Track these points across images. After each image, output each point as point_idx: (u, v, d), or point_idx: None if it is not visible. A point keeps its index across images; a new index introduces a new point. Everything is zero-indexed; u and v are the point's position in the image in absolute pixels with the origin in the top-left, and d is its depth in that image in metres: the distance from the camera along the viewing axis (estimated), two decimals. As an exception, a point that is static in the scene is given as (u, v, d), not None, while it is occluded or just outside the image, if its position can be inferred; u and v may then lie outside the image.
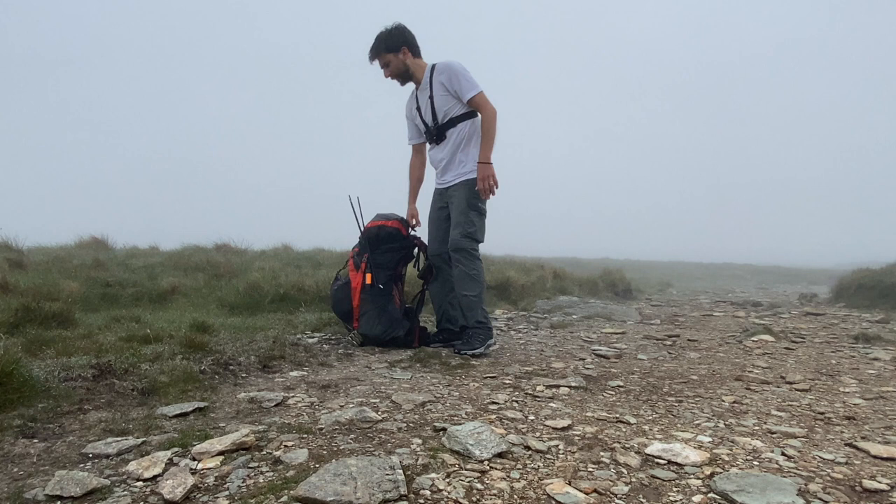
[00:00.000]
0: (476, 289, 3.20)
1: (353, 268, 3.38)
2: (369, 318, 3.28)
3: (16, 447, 1.55)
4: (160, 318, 3.56)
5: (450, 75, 3.13)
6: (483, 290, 3.25)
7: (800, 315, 5.82)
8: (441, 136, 3.25)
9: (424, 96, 3.26)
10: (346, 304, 3.34)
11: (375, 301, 3.29)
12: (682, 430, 1.81)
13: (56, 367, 2.13)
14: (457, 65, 3.14)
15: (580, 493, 1.31)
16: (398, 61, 3.22)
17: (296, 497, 1.23)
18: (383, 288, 3.31)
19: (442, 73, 3.16)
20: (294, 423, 1.79)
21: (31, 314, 3.05)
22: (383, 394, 2.20)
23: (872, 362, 3.12)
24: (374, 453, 1.51)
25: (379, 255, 3.34)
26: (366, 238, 3.38)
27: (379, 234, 3.37)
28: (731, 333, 4.30)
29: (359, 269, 3.34)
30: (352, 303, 3.31)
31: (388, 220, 3.44)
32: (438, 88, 3.18)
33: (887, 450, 1.62)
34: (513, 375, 2.61)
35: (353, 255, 3.42)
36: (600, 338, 4.01)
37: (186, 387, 2.19)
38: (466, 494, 1.29)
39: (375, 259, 3.33)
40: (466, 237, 3.17)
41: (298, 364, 2.76)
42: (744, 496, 1.28)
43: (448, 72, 3.14)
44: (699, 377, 2.67)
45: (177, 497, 1.26)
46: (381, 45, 3.21)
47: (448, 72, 3.14)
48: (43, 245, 7.34)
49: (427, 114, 3.26)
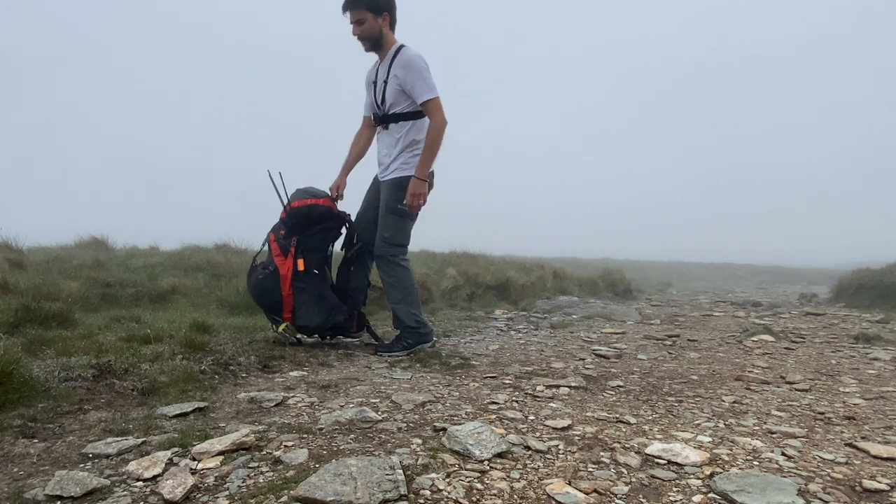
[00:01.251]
0: (398, 296, 3.12)
1: (280, 253, 3.02)
2: (308, 308, 3.01)
3: (16, 447, 1.55)
4: (160, 318, 3.56)
5: (408, 72, 2.94)
6: (408, 293, 3.14)
7: (800, 315, 5.82)
8: (385, 125, 3.10)
9: (382, 76, 3.06)
10: (274, 295, 3.00)
11: (312, 288, 3.02)
12: (682, 430, 1.81)
13: (56, 367, 2.13)
14: (418, 61, 2.95)
15: (580, 493, 1.31)
16: (375, 25, 2.98)
17: (296, 497, 1.23)
18: (318, 273, 3.06)
19: (401, 64, 2.97)
20: (294, 423, 1.79)
21: (31, 314, 3.05)
22: (383, 394, 2.20)
23: (872, 362, 3.12)
24: (374, 453, 1.51)
25: (310, 238, 3.06)
26: (294, 218, 3.05)
27: (310, 215, 3.07)
28: (731, 333, 4.30)
29: (287, 255, 3.01)
30: (281, 293, 2.98)
31: (317, 197, 3.13)
32: (393, 77, 2.99)
33: (887, 450, 1.62)
34: (513, 375, 2.61)
35: (277, 239, 3.05)
36: (600, 338, 4.01)
37: (186, 387, 2.19)
38: (466, 494, 1.29)
39: (307, 242, 3.04)
40: (385, 242, 3.09)
41: (298, 364, 2.76)
42: (744, 496, 1.28)
43: (407, 67, 2.95)
44: (699, 377, 2.67)
45: (177, 497, 1.26)
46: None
47: (407, 67, 2.95)
48: (43, 245, 7.33)
49: (378, 94, 3.08)
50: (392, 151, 3.09)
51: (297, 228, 3.05)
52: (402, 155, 3.07)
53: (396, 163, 3.08)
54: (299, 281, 3.00)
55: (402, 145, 3.07)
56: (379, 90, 3.08)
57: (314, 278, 3.05)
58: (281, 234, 3.05)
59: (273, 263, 3.02)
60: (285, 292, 2.98)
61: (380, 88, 3.07)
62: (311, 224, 3.08)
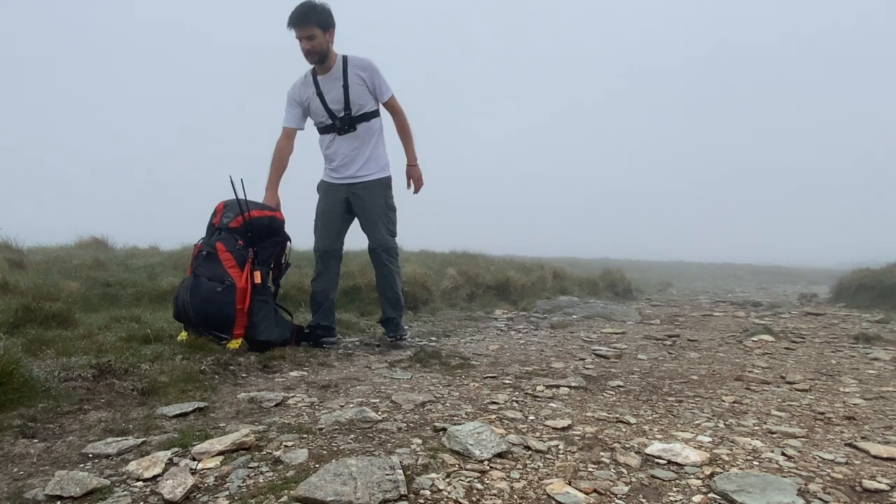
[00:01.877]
0: (401, 284, 3.48)
1: (235, 265, 2.85)
2: (268, 323, 2.92)
3: (16, 447, 1.55)
4: (160, 318, 3.56)
5: (371, 73, 3.18)
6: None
7: (800, 315, 5.82)
8: (352, 127, 3.22)
9: (335, 85, 3.17)
10: (228, 310, 2.78)
11: (268, 302, 2.97)
12: (682, 430, 1.81)
13: (56, 367, 2.13)
14: (374, 63, 3.20)
15: (580, 493, 1.31)
16: (324, 41, 3.08)
17: (296, 497, 1.23)
18: (268, 287, 3.03)
19: (361, 67, 3.18)
20: (294, 423, 1.79)
21: (31, 314, 3.05)
22: (383, 394, 2.20)
23: (872, 362, 3.12)
24: (374, 453, 1.51)
25: (263, 250, 3.00)
26: (253, 229, 2.96)
27: (271, 226, 3.03)
28: (731, 333, 4.30)
29: (243, 267, 2.87)
30: (237, 307, 2.79)
31: (272, 210, 3.10)
32: (356, 79, 3.17)
33: (887, 450, 1.62)
34: (513, 375, 2.61)
35: (231, 249, 2.88)
36: (600, 338, 4.01)
37: (186, 387, 2.19)
38: (466, 494, 1.29)
39: (261, 254, 2.98)
40: (391, 236, 3.34)
41: (298, 364, 2.76)
42: (744, 496, 1.28)
43: (370, 69, 3.18)
44: (699, 377, 2.67)
45: (177, 497, 1.26)
46: (314, 17, 3.03)
47: (370, 69, 3.18)
48: (43, 245, 7.33)
49: (336, 102, 3.18)
50: (363, 152, 3.26)
51: (255, 240, 2.96)
52: (375, 153, 3.29)
53: (375, 163, 3.29)
54: (259, 294, 2.90)
55: (373, 143, 3.28)
56: (337, 97, 3.19)
57: (268, 292, 3.02)
58: (238, 245, 2.90)
59: (228, 276, 2.82)
60: (243, 307, 2.81)
61: (338, 95, 3.19)
62: (268, 236, 3.04)
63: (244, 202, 2.97)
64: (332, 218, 3.34)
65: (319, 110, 3.24)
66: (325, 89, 3.19)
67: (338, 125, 3.22)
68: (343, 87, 3.16)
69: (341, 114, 3.20)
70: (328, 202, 3.35)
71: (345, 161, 3.26)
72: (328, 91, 3.19)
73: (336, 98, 3.18)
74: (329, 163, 3.34)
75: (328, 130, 3.28)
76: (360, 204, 3.29)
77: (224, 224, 2.96)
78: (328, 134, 3.29)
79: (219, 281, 2.82)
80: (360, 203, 3.29)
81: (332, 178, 3.33)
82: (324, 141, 3.34)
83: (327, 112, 3.21)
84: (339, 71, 3.17)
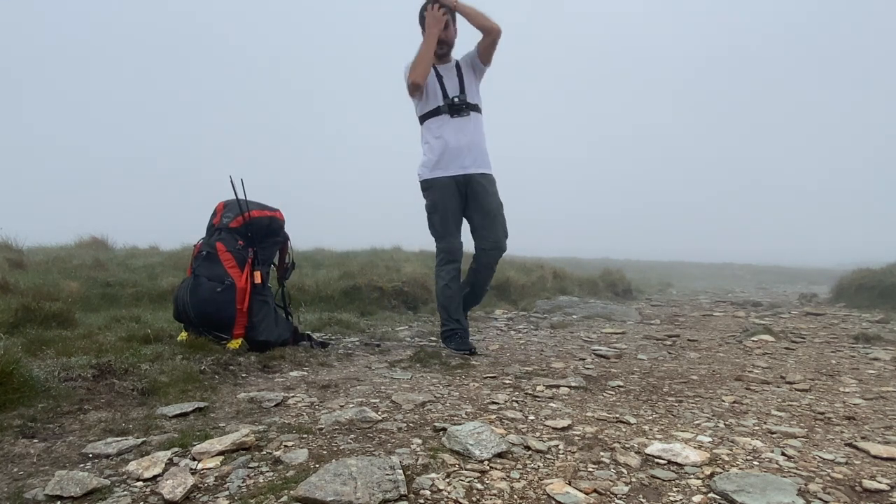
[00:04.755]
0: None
1: (236, 265, 2.86)
2: (268, 323, 2.93)
3: (16, 447, 1.55)
4: (160, 318, 3.56)
5: (473, 60, 3.22)
6: None
7: (800, 315, 5.82)
8: (466, 111, 3.15)
9: (451, 73, 3.19)
10: (228, 310, 2.79)
11: (269, 302, 2.98)
12: (682, 430, 1.81)
13: (56, 367, 2.13)
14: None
15: (580, 493, 1.31)
16: (455, 32, 3.22)
17: (296, 497, 1.23)
18: (268, 287, 3.02)
19: (468, 56, 3.25)
20: (294, 423, 1.79)
21: (31, 314, 3.05)
22: (383, 394, 2.20)
23: (872, 362, 3.12)
24: (374, 453, 1.51)
25: (263, 250, 3.00)
26: (253, 229, 2.96)
27: (271, 226, 3.03)
28: (731, 333, 4.30)
29: (243, 267, 2.87)
30: (237, 307, 2.80)
31: (272, 210, 3.08)
32: (468, 66, 3.21)
33: (887, 450, 1.62)
34: (513, 375, 2.61)
35: (231, 249, 2.89)
36: (600, 338, 4.01)
37: (186, 387, 2.19)
38: (466, 494, 1.29)
39: (261, 254, 2.98)
40: (506, 237, 3.24)
41: (298, 364, 2.76)
42: (744, 496, 1.28)
43: (471, 58, 3.23)
44: (699, 377, 2.67)
45: (177, 497, 1.26)
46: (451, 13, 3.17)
47: (471, 58, 3.23)
48: (43, 245, 7.34)
49: (452, 86, 3.17)
50: (482, 143, 3.23)
51: (255, 240, 2.96)
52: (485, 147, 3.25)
53: (487, 156, 3.25)
54: (259, 294, 2.91)
55: (484, 136, 3.25)
56: (453, 82, 3.19)
57: (268, 292, 3.01)
58: (238, 245, 2.91)
59: (228, 276, 2.83)
60: (244, 306, 2.82)
61: (453, 79, 3.19)
62: (268, 236, 3.03)
63: (244, 202, 2.96)
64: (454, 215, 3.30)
65: (438, 90, 3.21)
66: (444, 74, 3.21)
67: (458, 106, 3.19)
68: (458, 74, 3.21)
69: (457, 96, 3.20)
70: (449, 196, 3.30)
71: (463, 149, 3.22)
72: (446, 75, 3.21)
73: (454, 84, 3.20)
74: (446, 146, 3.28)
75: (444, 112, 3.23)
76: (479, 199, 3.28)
77: (224, 224, 2.96)
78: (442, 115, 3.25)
79: (219, 281, 2.82)
80: (478, 198, 3.27)
81: (454, 171, 3.27)
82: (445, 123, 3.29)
83: (444, 92, 3.20)
84: (452, 63, 3.25)
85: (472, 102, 3.17)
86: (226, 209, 3.02)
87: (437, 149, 3.15)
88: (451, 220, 3.18)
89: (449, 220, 3.18)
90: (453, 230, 3.20)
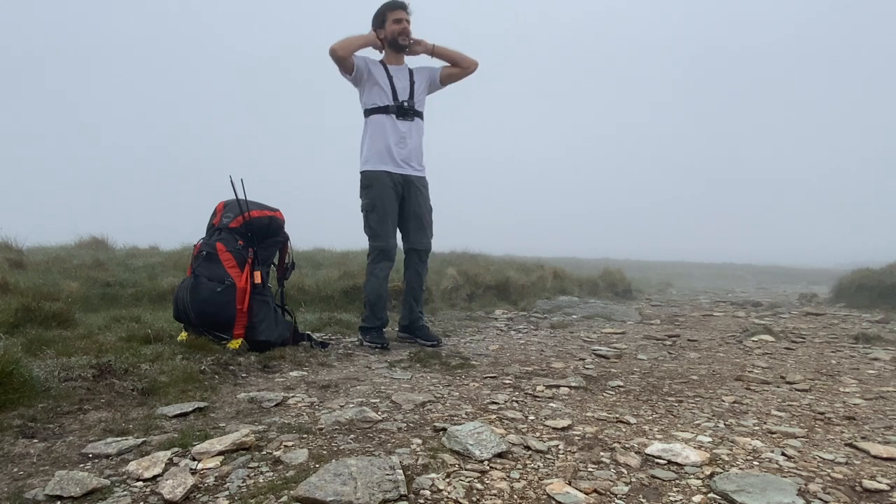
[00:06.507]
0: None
1: (236, 265, 2.87)
2: (269, 323, 2.93)
3: (16, 447, 1.55)
4: (160, 318, 3.56)
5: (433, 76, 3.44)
6: None
7: (800, 315, 5.82)
8: (411, 117, 3.34)
9: (403, 76, 3.37)
10: (228, 310, 2.79)
11: (269, 302, 2.97)
12: (682, 430, 1.81)
13: (56, 367, 2.13)
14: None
15: (580, 493, 1.31)
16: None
17: (296, 497, 1.23)
18: (268, 287, 3.03)
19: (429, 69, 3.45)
20: (294, 423, 1.79)
21: (31, 314, 3.05)
22: (383, 394, 2.20)
23: (872, 362, 3.12)
24: (374, 453, 1.51)
25: (263, 250, 3.00)
26: (253, 229, 2.96)
27: (271, 226, 3.03)
28: (731, 333, 4.30)
29: (243, 267, 2.88)
30: (237, 307, 2.80)
31: (272, 210, 3.08)
32: (424, 78, 3.41)
33: (887, 450, 1.62)
34: (513, 375, 2.61)
35: (231, 249, 2.89)
36: (600, 338, 4.01)
37: (186, 387, 2.19)
38: (466, 494, 1.29)
39: (261, 254, 2.99)
40: (430, 240, 3.48)
41: (298, 364, 2.76)
42: (744, 496, 1.28)
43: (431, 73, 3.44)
44: (699, 377, 2.67)
45: (177, 497, 1.26)
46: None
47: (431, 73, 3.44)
48: (43, 245, 7.34)
49: (402, 89, 3.35)
50: (421, 147, 3.44)
51: (255, 240, 2.96)
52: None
53: (423, 160, 3.46)
54: (259, 294, 2.91)
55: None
56: (403, 84, 3.36)
57: (268, 292, 3.01)
58: (238, 245, 2.91)
59: (228, 276, 2.83)
60: (244, 307, 2.82)
61: (404, 81, 3.37)
62: (267, 236, 3.03)
63: (244, 202, 2.97)
64: (392, 209, 3.49)
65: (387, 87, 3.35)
66: (395, 74, 3.36)
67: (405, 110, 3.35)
68: (410, 77, 3.40)
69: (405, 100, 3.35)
70: (386, 197, 3.45)
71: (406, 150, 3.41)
72: (397, 75, 3.36)
73: (405, 87, 3.36)
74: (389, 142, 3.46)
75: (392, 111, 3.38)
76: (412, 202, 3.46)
77: (224, 224, 2.96)
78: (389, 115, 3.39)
79: (219, 281, 2.82)
80: (412, 200, 3.45)
81: (395, 169, 3.44)
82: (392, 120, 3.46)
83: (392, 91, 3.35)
84: (404, 66, 3.43)
85: (419, 110, 3.39)
86: (226, 209, 3.02)
87: (381, 145, 3.31)
88: (388, 221, 3.33)
89: (387, 221, 3.33)
90: (390, 231, 3.35)
